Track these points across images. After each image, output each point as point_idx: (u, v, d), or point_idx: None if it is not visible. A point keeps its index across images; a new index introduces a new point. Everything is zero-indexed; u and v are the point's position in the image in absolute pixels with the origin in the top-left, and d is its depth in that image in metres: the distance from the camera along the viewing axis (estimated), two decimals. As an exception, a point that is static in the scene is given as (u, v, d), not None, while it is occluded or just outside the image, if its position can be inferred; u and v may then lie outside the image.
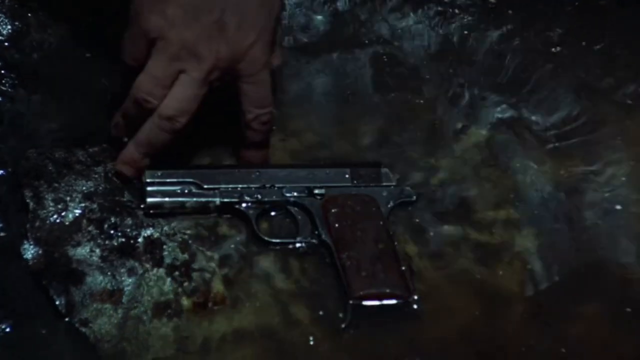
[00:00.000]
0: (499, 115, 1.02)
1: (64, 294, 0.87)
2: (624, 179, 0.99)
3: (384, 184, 0.94)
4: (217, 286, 0.89)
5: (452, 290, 0.92)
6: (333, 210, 0.92)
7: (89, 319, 0.86)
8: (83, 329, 0.86)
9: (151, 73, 0.88)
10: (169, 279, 0.89)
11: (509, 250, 0.94)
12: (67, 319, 0.86)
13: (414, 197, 0.94)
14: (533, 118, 1.02)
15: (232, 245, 0.92)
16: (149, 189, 0.91)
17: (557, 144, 1.00)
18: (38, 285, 0.87)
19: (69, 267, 0.88)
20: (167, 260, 0.90)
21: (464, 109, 1.03)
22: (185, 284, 0.89)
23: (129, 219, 0.92)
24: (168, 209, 0.92)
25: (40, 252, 0.89)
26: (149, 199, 0.91)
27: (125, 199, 0.93)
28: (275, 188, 0.93)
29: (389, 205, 0.93)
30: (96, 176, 0.93)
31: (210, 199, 0.92)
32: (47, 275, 0.88)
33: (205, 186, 0.92)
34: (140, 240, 0.91)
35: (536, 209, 0.96)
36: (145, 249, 0.90)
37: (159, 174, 0.92)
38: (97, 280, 0.89)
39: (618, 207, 0.97)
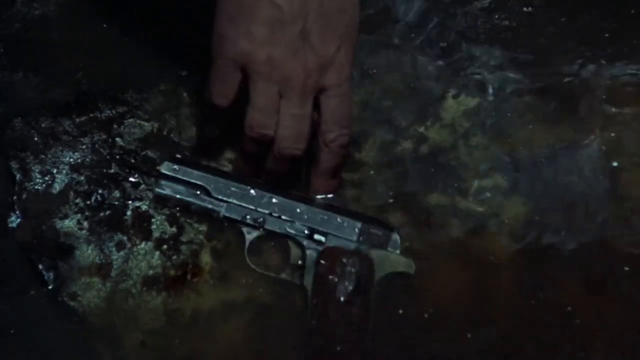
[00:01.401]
0: (489, 82, 1.00)
1: (53, 268, 0.86)
2: (613, 144, 0.97)
3: (389, 249, 0.90)
4: (205, 259, 0.89)
5: (441, 259, 0.91)
6: (324, 262, 0.89)
7: (77, 292, 0.86)
8: (72, 303, 0.86)
9: (257, 106, 0.85)
10: (157, 253, 0.89)
11: (498, 218, 0.92)
12: (55, 293, 0.86)
13: (413, 272, 0.90)
14: (523, 84, 1.00)
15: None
16: (161, 181, 0.89)
17: (546, 110, 0.99)
18: (26, 258, 0.87)
19: (57, 241, 0.88)
20: (156, 234, 0.89)
21: (454, 76, 1.00)
22: (174, 257, 0.88)
23: (116, 191, 0.90)
24: (174, 204, 0.90)
25: (27, 224, 0.88)
26: (158, 190, 0.89)
27: (112, 171, 0.91)
28: (281, 219, 0.90)
29: (383, 273, 0.90)
30: (83, 147, 0.92)
31: (215, 208, 0.89)
32: (35, 249, 0.87)
33: (214, 195, 0.89)
34: (128, 213, 0.90)
35: (525, 176, 0.95)
36: (133, 222, 0.89)
37: (176, 168, 0.89)
38: (86, 253, 0.88)
39: (611, 173, 0.96)
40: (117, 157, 0.92)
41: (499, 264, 0.90)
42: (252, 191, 0.89)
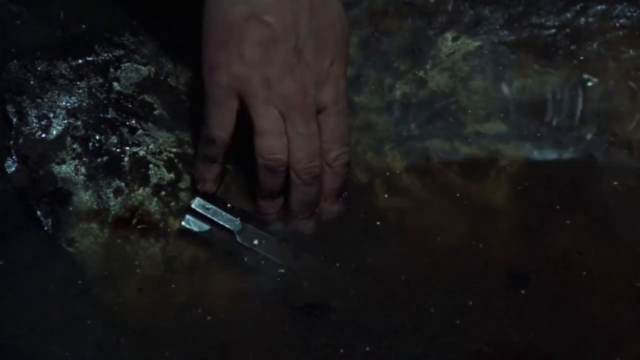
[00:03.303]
0: (490, 25, 0.97)
1: (51, 214, 0.85)
2: (612, 86, 0.95)
3: None
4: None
5: (440, 205, 0.89)
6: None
7: (75, 238, 0.85)
8: (69, 249, 0.84)
9: (261, 130, 0.82)
10: (155, 199, 0.87)
11: (497, 164, 0.91)
12: (53, 239, 0.84)
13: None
14: (523, 28, 0.97)
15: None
16: (188, 216, 0.86)
17: (545, 54, 0.96)
18: (23, 204, 0.85)
19: (54, 186, 0.86)
20: (153, 180, 0.88)
21: (453, 18, 0.98)
22: (172, 203, 0.87)
23: (113, 137, 0.88)
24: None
25: (24, 169, 0.86)
26: (184, 224, 0.86)
27: (109, 116, 0.89)
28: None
29: None
30: (80, 91, 0.89)
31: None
32: (33, 195, 0.85)
33: (239, 240, 0.86)
34: (125, 159, 0.88)
35: (525, 120, 0.93)
36: (130, 168, 0.88)
37: (207, 206, 0.86)
38: (83, 199, 0.86)
39: (610, 117, 0.94)
40: (114, 101, 0.90)
41: (499, 209, 0.89)
42: (277, 242, 0.86)
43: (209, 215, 0.86)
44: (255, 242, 0.86)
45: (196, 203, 0.86)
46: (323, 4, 0.82)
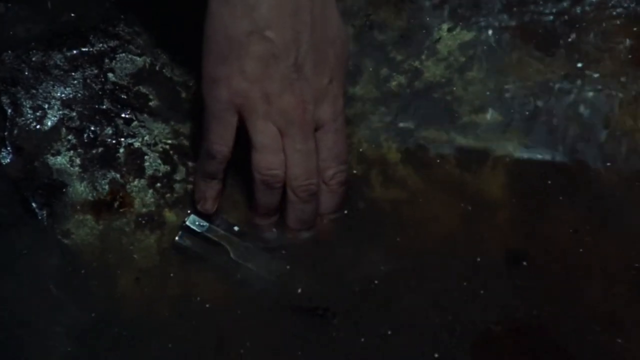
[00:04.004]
0: (486, 15, 0.96)
1: (46, 205, 0.84)
2: (608, 76, 0.95)
3: None
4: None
5: (436, 196, 0.88)
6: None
7: (70, 230, 0.84)
8: (65, 241, 0.84)
9: (260, 146, 0.81)
10: (150, 191, 0.86)
11: (493, 154, 0.90)
12: (49, 231, 0.83)
13: None
14: (520, 18, 0.97)
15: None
16: (183, 232, 0.85)
17: (541, 45, 0.95)
18: (18, 195, 0.84)
19: (49, 178, 0.85)
20: (149, 172, 0.87)
21: (449, 9, 0.97)
22: (168, 195, 0.86)
23: (108, 128, 0.87)
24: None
25: (19, 160, 0.85)
26: (177, 239, 0.85)
27: (104, 107, 0.88)
28: None
29: None
30: (74, 82, 0.88)
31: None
32: (28, 187, 0.84)
33: (234, 258, 0.85)
34: (121, 150, 0.87)
35: (522, 111, 0.92)
36: (126, 160, 0.87)
37: (202, 224, 0.85)
38: (78, 191, 0.85)
39: (606, 107, 0.93)
40: (109, 92, 0.89)
41: (494, 200, 0.88)
42: (272, 260, 0.85)
43: (203, 232, 0.85)
44: (250, 260, 0.85)
45: (190, 220, 0.85)
46: (324, 21, 0.81)
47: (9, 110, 0.87)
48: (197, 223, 0.85)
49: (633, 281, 0.85)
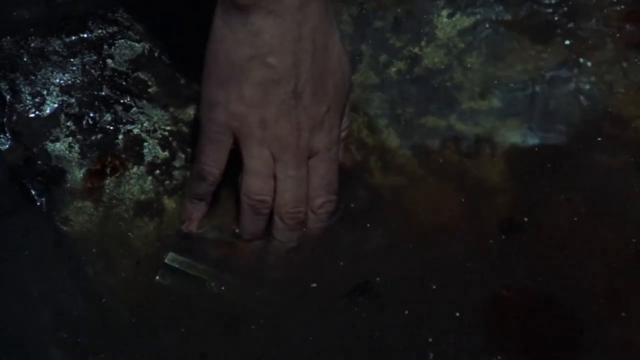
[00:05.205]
0: (486, 1, 0.95)
1: (45, 192, 0.83)
2: (610, 67, 0.94)
3: None
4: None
5: (435, 182, 0.88)
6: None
7: (69, 217, 0.83)
8: (64, 227, 0.83)
9: (252, 170, 0.81)
10: (150, 178, 0.85)
11: (492, 140, 0.90)
12: (47, 217, 0.83)
13: None
14: (520, 4, 0.95)
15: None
16: (164, 270, 0.83)
17: (541, 31, 0.94)
18: (17, 182, 0.84)
19: (48, 164, 0.84)
20: (148, 158, 0.86)
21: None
22: (167, 182, 0.85)
23: (107, 114, 0.86)
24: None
25: (18, 147, 0.84)
26: (158, 279, 0.83)
27: (103, 94, 0.87)
28: None
29: None
30: (73, 68, 0.87)
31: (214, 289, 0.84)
32: (27, 173, 0.84)
33: (214, 290, 0.83)
34: (120, 137, 0.86)
35: (521, 97, 0.92)
36: (125, 146, 0.86)
37: (182, 260, 0.83)
38: (77, 177, 0.85)
39: (605, 94, 0.93)
40: (108, 78, 0.88)
41: (494, 187, 0.88)
42: (255, 291, 0.84)
43: (183, 268, 0.84)
44: (234, 293, 0.84)
45: (170, 258, 0.84)
46: (325, 51, 0.81)
47: (8, 97, 0.86)
48: (176, 260, 0.84)
49: (633, 260, 0.84)
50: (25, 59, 0.87)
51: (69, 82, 0.87)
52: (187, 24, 0.89)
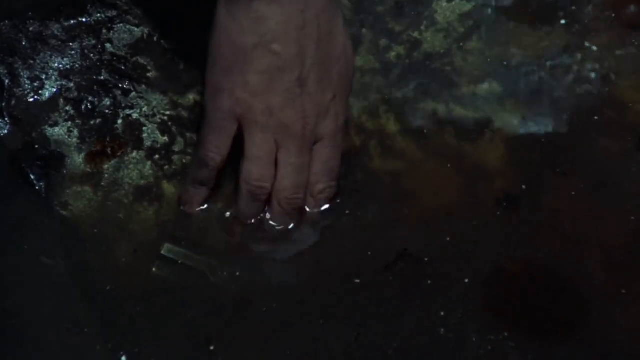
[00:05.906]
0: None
1: (44, 177, 0.83)
2: (611, 51, 0.93)
3: None
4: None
5: (434, 167, 0.87)
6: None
7: (68, 201, 0.82)
8: (63, 212, 0.82)
9: (254, 157, 0.80)
10: (149, 162, 0.85)
11: (492, 125, 0.89)
12: (47, 202, 0.82)
13: None
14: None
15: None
16: (160, 262, 0.82)
17: (541, 15, 0.94)
18: (16, 167, 0.83)
19: (47, 149, 0.83)
20: (147, 143, 0.85)
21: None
22: (166, 167, 0.85)
23: (106, 99, 0.86)
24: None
25: (17, 131, 0.84)
26: (155, 271, 0.82)
27: (102, 78, 0.86)
28: None
29: None
30: (72, 52, 0.87)
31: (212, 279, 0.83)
32: (26, 158, 0.83)
33: (212, 280, 0.82)
34: (119, 121, 0.85)
35: (521, 82, 0.91)
36: (124, 131, 0.85)
37: (178, 251, 0.82)
38: (76, 162, 0.84)
39: (606, 77, 0.92)
40: (107, 63, 0.87)
41: (493, 171, 0.87)
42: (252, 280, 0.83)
43: (179, 259, 0.83)
44: (230, 281, 0.83)
45: (166, 249, 0.83)
46: (330, 38, 0.80)
47: (7, 81, 0.85)
48: (173, 251, 0.83)
49: (631, 236, 0.84)
50: (24, 43, 0.86)
51: (68, 66, 0.86)
52: (186, 9, 0.88)
